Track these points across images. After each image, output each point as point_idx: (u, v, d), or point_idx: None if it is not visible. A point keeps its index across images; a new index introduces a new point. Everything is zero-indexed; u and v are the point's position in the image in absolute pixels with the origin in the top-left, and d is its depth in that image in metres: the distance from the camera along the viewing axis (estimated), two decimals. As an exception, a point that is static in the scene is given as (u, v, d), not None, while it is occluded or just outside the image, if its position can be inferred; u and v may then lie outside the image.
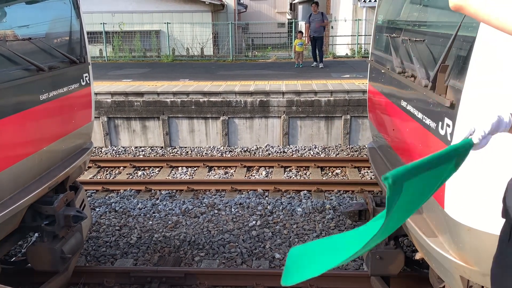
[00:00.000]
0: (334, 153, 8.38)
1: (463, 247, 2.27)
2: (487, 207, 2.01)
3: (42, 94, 3.41)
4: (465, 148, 1.36)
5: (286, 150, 8.55)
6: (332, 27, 19.18)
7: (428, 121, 2.58)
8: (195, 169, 7.65)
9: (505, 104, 1.94)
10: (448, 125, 2.24)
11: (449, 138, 2.22)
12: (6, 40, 3.14)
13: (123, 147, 9.00)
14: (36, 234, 4.70)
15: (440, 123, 2.36)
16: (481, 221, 2.10)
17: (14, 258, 4.63)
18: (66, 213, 3.56)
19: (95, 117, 4.87)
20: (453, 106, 2.19)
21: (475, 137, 1.37)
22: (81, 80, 4.07)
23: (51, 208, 3.46)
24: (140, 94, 8.94)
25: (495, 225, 1.72)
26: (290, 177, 7.22)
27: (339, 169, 7.49)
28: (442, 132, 2.33)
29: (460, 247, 2.29)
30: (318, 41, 12.78)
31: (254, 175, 7.36)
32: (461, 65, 2.18)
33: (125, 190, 6.65)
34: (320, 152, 8.41)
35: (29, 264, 3.79)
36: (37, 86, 3.36)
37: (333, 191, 6.49)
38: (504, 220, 1.54)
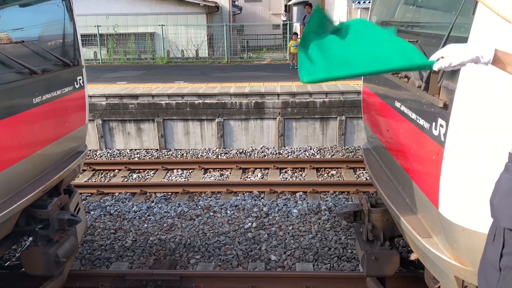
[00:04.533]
0: (329, 154, 8.39)
1: (457, 248, 2.27)
2: (481, 208, 2.01)
3: (35, 97, 3.39)
4: (421, 65, 1.51)
5: (281, 151, 8.55)
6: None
7: (421, 122, 2.58)
8: (190, 171, 7.63)
9: (498, 103, 1.95)
10: (441, 126, 2.25)
11: (442, 139, 2.23)
12: None
13: (118, 150, 8.96)
14: (30, 238, 4.67)
15: (433, 123, 2.37)
16: (475, 221, 2.10)
17: (8, 263, 4.60)
18: (60, 217, 3.52)
19: (89, 120, 4.85)
20: (446, 107, 2.19)
21: (439, 65, 1.50)
22: (75, 83, 4.05)
23: (45, 212, 3.43)
24: (135, 96, 8.91)
25: (489, 225, 1.73)
26: (286, 178, 7.22)
27: (335, 170, 7.50)
28: (435, 133, 2.33)
29: (454, 248, 2.29)
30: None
31: (249, 177, 7.35)
32: (454, 65, 2.18)
33: (120, 193, 6.62)
34: (316, 153, 8.41)
35: (23, 269, 3.77)
36: (30, 89, 3.34)
37: (328, 192, 6.49)
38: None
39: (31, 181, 3.43)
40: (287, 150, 8.62)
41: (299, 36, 13.41)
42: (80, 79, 4.13)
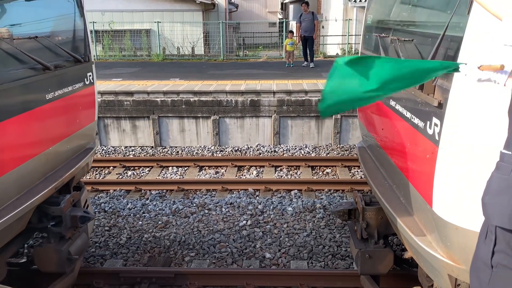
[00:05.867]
0: (324, 152, 8.41)
1: (451, 246, 2.29)
2: (474, 206, 2.02)
3: (48, 93, 3.38)
4: (447, 68, 1.59)
5: (277, 149, 8.56)
6: (323, 27, 19.24)
7: (416, 121, 2.59)
8: (185, 169, 7.62)
9: (491, 102, 1.96)
10: (436, 125, 2.26)
11: (437, 138, 2.24)
12: (13, 39, 3.09)
13: (113, 147, 8.93)
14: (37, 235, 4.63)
15: (428, 122, 2.38)
16: (469, 220, 2.11)
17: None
18: (73, 214, 3.53)
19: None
20: (441, 106, 2.20)
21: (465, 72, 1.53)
22: (85, 79, 4.04)
23: (58, 208, 3.43)
24: (130, 93, 8.88)
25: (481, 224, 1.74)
26: (281, 176, 7.23)
27: (330, 168, 7.52)
28: (430, 132, 2.34)
29: (448, 246, 2.31)
30: (309, 41, 12.81)
31: (245, 175, 7.35)
32: (449, 65, 2.19)
33: (114, 190, 6.61)
34: (311, 152, 8.43)
35: (35, 266, 3.75)
36: (44, 85, 3.33)
37: (323, 190, 6.50)
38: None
39: (43, 178, 3.42)
40: (282, 148, 8.62)
41: (295, 34, 13.41)
42: (90, 75, 4.12)
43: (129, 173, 7.48)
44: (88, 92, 4.11)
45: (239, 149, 8.67)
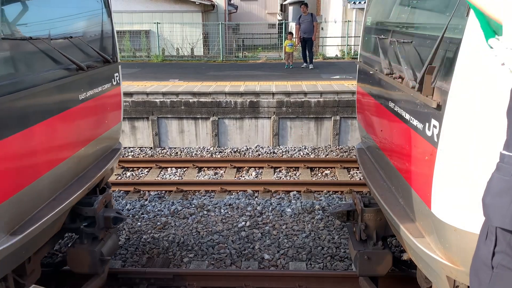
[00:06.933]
0: (323, 153, 8.41)
1: (449, 248, 2.29)
2: (473, 208, 2.02)
3: (81, 93, 3.39)
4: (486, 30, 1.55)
5: (276, 150, 8.56)
6: (322, 28, 19.26)
7: (415, 122, 2.59)
8: (184, 169, 7.62)
9: (490, 104, 1.96)
10: (434, 126, 2.26)
11: (435, 139, 2.24)
12: (51, 39, 3.09)
13: (112, 148, 8.93)
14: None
15: (427, 124, 2.38)
16: (467, 221, 2.12)
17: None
18: (106, 215, 3.54)
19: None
20: (440, 108, 2.20)
21: (494, 44, 1.47)
22: (113, 79, 4.04)
23: (91, 209, 3.44)
24: (129, 94, 8.88)
25: (481, 225, 1.74)
26: (280, 177, 7.23)
27: (329, 169, 7.52)
28: (429, 133, 2.35)
29: (446, 248, 2.31)
30: (308, 42, 12.82)
31: (244, 176, 7.35)
32: (448, 66, 2.20)
33: (113, 191, 6.60)
34: (310, 153, 8.43)
35: (66, 267, 3.76)
36: (78, 85, 3.34)
37: (322, 191, 6.50)
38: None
39: (76, 178, 3.42)
40: (281, 149, 8.63)
41: (294, 36, 13.43)
42: (116, 76, 4.12)
43: (128, 174, 7.47)
44: (115, 93, 4.12)
45: (238, 150, 8.67)
